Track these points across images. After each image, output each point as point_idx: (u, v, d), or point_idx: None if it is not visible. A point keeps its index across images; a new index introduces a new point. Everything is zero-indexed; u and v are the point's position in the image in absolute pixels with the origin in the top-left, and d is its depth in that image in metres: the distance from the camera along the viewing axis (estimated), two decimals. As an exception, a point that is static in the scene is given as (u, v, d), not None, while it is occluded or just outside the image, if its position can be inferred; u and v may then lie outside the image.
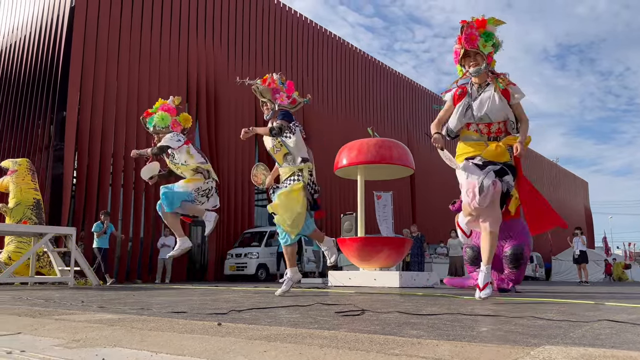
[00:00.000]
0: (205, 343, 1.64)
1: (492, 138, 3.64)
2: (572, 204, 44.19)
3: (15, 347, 1.65)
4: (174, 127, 5.57)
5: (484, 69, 3.62)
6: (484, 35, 3.58)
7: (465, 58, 3.66)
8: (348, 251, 8.50)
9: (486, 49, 3.58)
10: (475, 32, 3.57)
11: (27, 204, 8.48)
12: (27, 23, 15.04)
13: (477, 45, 3.57)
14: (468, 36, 3.57)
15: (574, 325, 2.14)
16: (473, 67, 3.62)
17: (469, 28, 3.58)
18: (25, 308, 3.09)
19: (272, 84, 4.68)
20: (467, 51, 3.62)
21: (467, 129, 3.72)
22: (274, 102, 4.66)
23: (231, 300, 3.87)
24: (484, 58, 3.60)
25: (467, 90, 3.72)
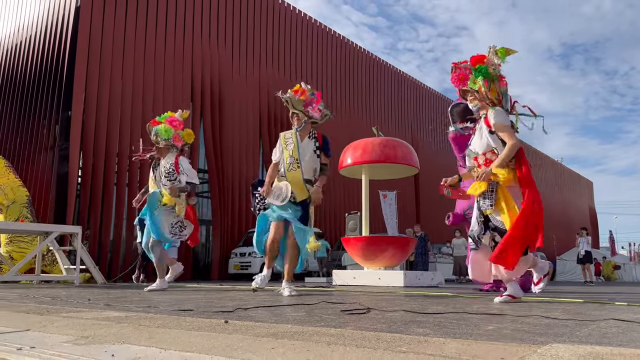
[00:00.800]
0: (213, 340, 1.65)
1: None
2: (577, 204, 44.04)
3: (25, 344, 1.67)
4: (175, 141, 5.60)
5: (478, 105, 3.66)
6: (474, 71, 3.59)
7: (465, 94, 3.74)
8: (352, 250, 8.51)
9: (475, 85, 3.59)
10: (464, 72, 3.64)
11: (22, 202, 8.33)
12: (32, 23, 15.11)
13: (466, 84, 3.63)
14: (458, 77, 3.66)
15: (581, 324, 2.15)
16: (472, 102, 3.69)
17: (458, 69, 3.66)
18: (33, 306, 3.11)
19: (303, 95, 4.64)
20: (464, 89, 3.70)
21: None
22: (306, 114, 4.61)
23: (237, 299, 3.89)
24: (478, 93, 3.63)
25: (476, 127, 3.78)
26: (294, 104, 4.58)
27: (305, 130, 4.63)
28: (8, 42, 16.12)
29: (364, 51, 23.42)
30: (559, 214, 38.19)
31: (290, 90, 4.66)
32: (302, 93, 4.62)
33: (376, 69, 23.91)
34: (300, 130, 4.62)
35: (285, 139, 4.66)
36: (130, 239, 13.64)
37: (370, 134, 9.28)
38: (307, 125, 4.63)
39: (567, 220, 39.47)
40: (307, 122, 4.62)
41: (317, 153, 4.56)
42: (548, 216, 27.85)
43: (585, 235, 14.27)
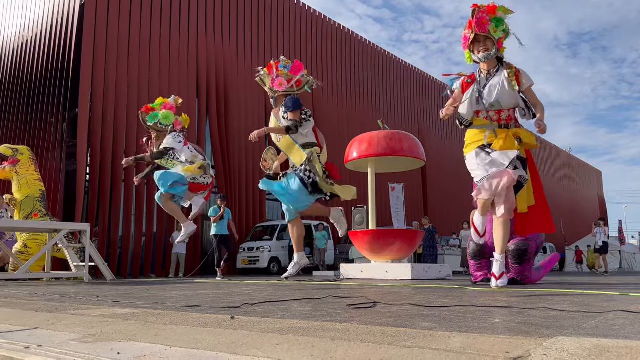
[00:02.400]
0: (218, 337, 1.66)
1: (502, 125, 3.59)
2: (586, 194, 43.79)
3: (32, 342, 1.68)
4: (176, 125, 5.66)
5: (494, 54, 3.59)
6: (494, 20, 3.54)
7: (474, 43, 3.62)
8: (360, 244, 8.51)
9: (497, 34, 3.55)
10: (486, 17, 3.54)
11: (36, 196, 8.36)
12: (38, 22, 15.17)
13: (488, 29, 3.53)
14: (479, 20, 3.53)
15: (587, 316, 2.13)
16: (483, 52, 3.59)
17: (480, 12, 3.54)
18: (42, 303, 3.14)
19: (269, 69, 4.62)
20: (478, 36, 3.57)
21: (477, 117, 3.69)
22: (272, 89, 4.59)
23: (244, 294, 3.90)
24: (494, 43, 3.56)
25: (476, 78, 3.68)
26: (265, 82, 4.61)
27: (277, 106, 4.64)
28: (14, 41, 16.20)
29: (369, 43, 23.31)
30: (568, 204, 38.00)
31: (264, 69, 4.67)
32: (270, 68, 4.62)
33: (381, 62, 23.80)
34: (276, 107, 4.65)
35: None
36: (139, 236, 13.74)
37: (376, 127, 9.25)
38: (278, 99, 4.61)
39: (576, 210, 39.27)
40: (275, 98, 4.61)
41: (284, 117, 4.53)
42: (557, 206, 28.01)
43: (602, 226, 14.38)
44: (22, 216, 8.22)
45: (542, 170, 35.23)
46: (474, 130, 3.71)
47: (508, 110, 3.58)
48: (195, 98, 15.23)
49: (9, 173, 8.34)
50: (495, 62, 3.64)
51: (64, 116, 13.36)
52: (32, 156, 8.68)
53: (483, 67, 3.67)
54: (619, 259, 24.11)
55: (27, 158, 8.52)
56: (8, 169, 8.33)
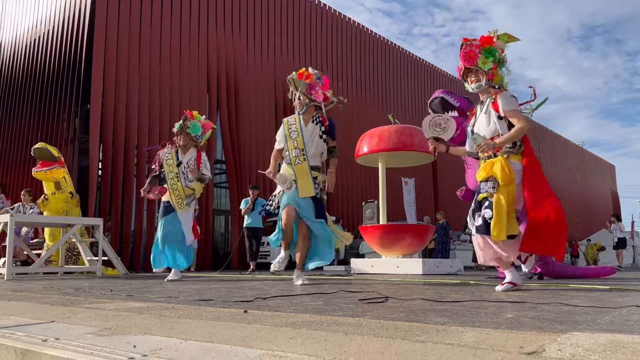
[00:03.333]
0: (232, 330, 1.67)
1: (488, 156, 3.55)
2: (599, 188, 43.36)
3: (50, 335, 1.71)
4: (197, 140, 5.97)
5: (485, 84, 3.61)
6: (484, 52, 3.57)
7: (467, 74, 3.68)
8: (370, 239, 8.50)
9: (486, 66, 3.57)
10: (474, 50, 3.58)
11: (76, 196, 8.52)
12: (50, 18, 15.28)
13: (476, 62, 3.58)
14: (467, 54, 3.59)
15: (602, 311, 2.12)
16: (474, 82, 3.64)
17: (468, 46, 3.60)
18: (58, 297, 3.18)
19: (308, 78, 4.61)
20: (468, 68, 3.63)
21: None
22: (308, 96, 4.58)
23: (256, 288, 3.92)
24: (484, 74, 3.59)
25: (475, 112, 3.74)
26: (297, 85, 4.56)
27: (309, 115, 4.58)
28: (27, 37, 16.34)
29: (379, 37, 23.21)
30: (581, 199, 37.66)
31: (295, 72, 4.64)
32: (307, 77, 4.60)
33: (392, 56, 23.69)
34: (303, 114, 4.59)
35: (289, 125, 4.60)
36: (151, 230, 13.84)
37: (386, 121, 9.22)
38: (309, 108, 4.57)
39: (589, 205, 38.91)
40: (309, 105, 4.56)
41: (323, 138, 4.53)
42: (569, 201, 27.84)
43: (617, 222, 14.39)
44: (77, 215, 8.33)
45: (553, 164, 34.97)
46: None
47: (491, 139, 3.52)
48: (206, 94, 15.27)
49: (60, 175, 8.20)
50: (489, 90, 3.65)
51: (76, 112, 13.47)
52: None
53: (480, 97, 3.72)
54: (632, 254, 23.89)
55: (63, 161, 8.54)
56: (62, 170, 8.20)
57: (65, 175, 8.33)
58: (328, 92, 4.66)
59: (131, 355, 1.36)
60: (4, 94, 16.95)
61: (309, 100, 4.54)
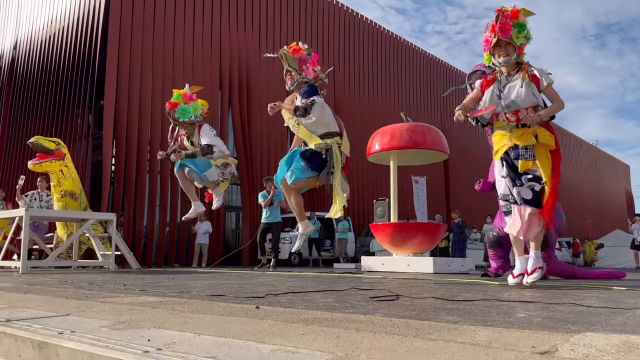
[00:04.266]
0: (245, 325, 1.69)
1: (521, 125, 3.60)
2: (613, 188, 42.89)
3: (65, 328, 1.74)
4: (203, 114, 5.83)
5: (514, 59, 3.62)
6: (517, 25, 3.57)
7: (496, 47, 3.65)
8: (381, 236, 8.50)
9: (519, 40, 3.59)
10: (509, 22, 3.56)
11: (81, 189, 8.51)
12: (65, 15, 15.42)
13: (510, 35, 3.56)
14: (502, 25, 3.55)
15: (615, 312, 2.11)
16: (503, 57, 3.62)
17: (504, 17, 3.56)
18: (72, 291, 3.22)
19: (298, 52, 4.60)
20: (499, 40, 3.59)
21: (497, 119, 3.73)
22: (300, 72, 4.59)
23: (267, 284, 3.94)
24: (515, 49, 3.59)
25: (497, 77, 3.72)
26: (289, 61, 4.56)
27: (299, 90, 4.60)
28: (42, 34, 16.51)
29: (392, 35, 23.12)
30: (594, 198, 37.28)
31: (286, 46, 4.65)
32: (297, 51, 4.60)
33: (404, 53, 23.60)
34: (294, 89, 4.61)
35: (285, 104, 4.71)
36: (163, 226, 13.95)
37: (398, 119, 9.20)
38: (299, 84, 4.57)
39: (602, 205, 38.51)
40: (299, 81, 4.56)
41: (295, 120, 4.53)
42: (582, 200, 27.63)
43: (638, 222, 14.28)
44: (81, 209, 8.32)
45: (567, 163, 34.61)
46: (497, 134, 3.75)
47: (526, 109, 3.57)
48: (218, 90, 15.34)
49: (57, 167, 8.17)
50: (515, 65, 3.67)
51: (90, 108, 13.60)
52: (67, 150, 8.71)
53: (504, 70, 3.72)
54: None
55: (67, 152, 8.50)
56: (57, 163, 8.14)
57: (63, 169, 8.24)
58: (317, 68, 4.66)
59: (146, 348, 1.38)
60: (20, 89, 17.16)
61: (300, 77, 4.55)
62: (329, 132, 4.47)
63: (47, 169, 8.20)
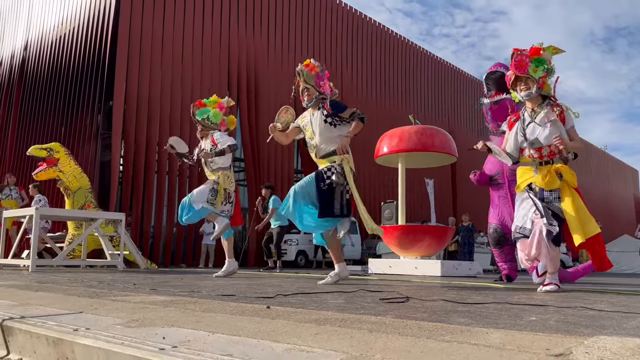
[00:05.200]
0: (258, 325, 1.70)
1: (544, 162, 3.68)
2: (621, 193, 42.59)
3: (80, 325, 1.75)
4: (221, 126, 5.82)
5: (535, 92, 3.69)
6: (534, 61, 3.68)
7: (517, 82, 3.76)
8: (388, 239, 8.48)
9: (537, 74, 3.67)
10: (525, 59, 3.69)
11: (87, 188, 8.56)
12: (75, 16, 15.54)
13: (527, 71, 3.67)
14: (518, 63, 3.69)
15: (627, 316, 2.10)
16: (524, 90, 3.72)
17: (519, 55, 3.70)
18: (83, 289, 3.25)
19: (314, 70, 4.65)
20: (518, 76, 3.72)
21: (522, 155, 3.82)
22: (317, 89, 4.63)
23: (276, 285, 3.95)
24: (535, 82, 3.67)
25: (520, 116, 3.82)
26: (306, 78, 4.59)
27: (316, 106, 4.63)
28: (52, 35, 16.64)
29: (400, 37, 23.11)
30: (602, 203, 37.02)
31: (301, 64, 4.67)
32: (312, 68, 4.63)
33: (412, 56, 23.58)
34: (311, 106, 4.64)
35: (302, 118, 4.75)
36: (171, 226, 14.00)
37: (406, 121, 9.19)
38: (317, 101, 4.60)
39: (611, 209, 38.24)
40: (317, 98, 4.60)
41: (328, 121, 4.49)
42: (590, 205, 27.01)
43: None
44: (76, 207, 8.39)
45: (575, 168, 34.33)
46: (521, 169, 3.84)
47: (549, 146, 3.65)
48: (227, 91, 15.38)
49: (53, 174, 8.36)
50: (539, 99, 3.74)
51: (100, 108, 13.69)
52: (67, 151, 8.78)
53: (528, 105, 3.79)
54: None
55: (64, 154, 8.61)
56: (51, 170, 8.33)
57: (59, 174, 8.38)
58: (331, 84, 4.76)
59: (161, 346, 1.39)
60: (30, 90, 17.30)
61: (318, 93, 4.59)
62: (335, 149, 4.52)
63: (46, 176, 8.48)
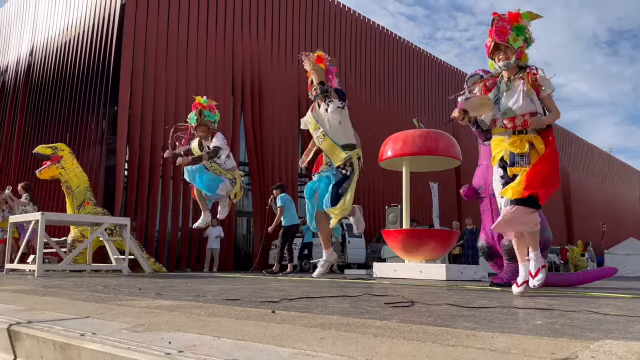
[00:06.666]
0: (263, 329, 1.70)
1: (517, 132, 3.58)
2: (627, 196, 42.39)
3: (87, 330, 1.76)
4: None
5: (514, 62, 3.60)
6: (515, 29, 3.57)
7: (495, 51, 3.65)
8: (393, 243, 8.47)
9: (516, 43, 3.57)
10: (506, 26, 3.57)
11: (86, 186, 8.73)
12: (80, 22, 15.64)
13: (507, 39, 3.56)
14: (499, 29, 3.57)
15: (633, 320, 2.09)
16: (502, 60, 3.61)
17: (500, 21, 3.58)
18: (89, 294, 3.26)
19: (322, 61, 4.67)
20: (498, 44, 3.61)
21: (495, 125, 3.72)
22: (325, 83, 4.65)
23: (280, 289, 3.96)
24: (514, 52, 3.58)
25: (497, 83, 3.72)
26: (320, 75, 4.63)
27: (321, 99, 4.66)
28: (58, 40, 16.74)
29: (403, 41, 23.13)
30: (607, 206, 36.86)
31: (312, 52, 4.69)
32: (322, 60, 4.66)
33: (416, 59, 23.59)
34: (318, 99, 4.69)
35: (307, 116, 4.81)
36: (175, 230, 14.02)
37: (410, 125, 9.19)
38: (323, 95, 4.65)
39: (616, 212, 38.06)
40: (327, 92, 4.63)
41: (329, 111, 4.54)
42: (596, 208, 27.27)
43: None
44: (75, 204, 8.55)
45: (581, 170, 34.30)
46: (495, 139, 3.74)
47: (523, 116, 3.55)
48: (231, 95, 15.43)
49: (56, 170, 8.61)
50: (516, 69, 3.65)
51: (104, 113, 13.75)
52: (70, 151, 9.01)
53: (504, 75, 3.70)
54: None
55: (68, 153, 8.85)
56: (54, 166, 8.58)
57: (61, 170, 8.61)
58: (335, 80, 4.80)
59: (167, 350, 1.39)
60: (36, 95, 17.40)
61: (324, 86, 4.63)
62: (349, 143, 4.56)
63: (49, 173, 8.69)
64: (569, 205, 32.55)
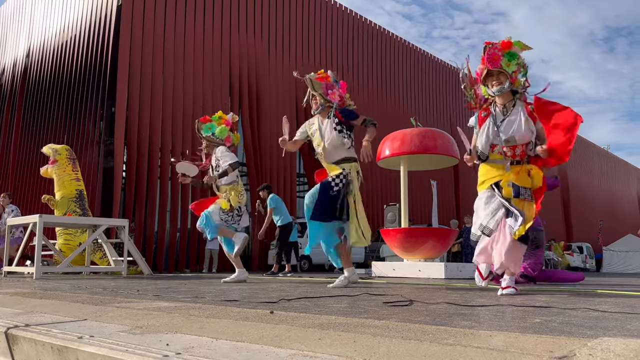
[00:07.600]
0: (261, 330, 1.70)
1: (516, 161, 3.60)
2: (625, 193, 42.47)
3: (84, 333, 1.76)
4: (227, 141, 5.86)
5: (507, 88, 3.58)
6: (507, 55, 3.57)
7: (488, 77, 3.64)
8: (391, 242, 8.48)
9: (510, 68, 3.56)
10: (498, 52, 3.57)
11: (70, 197, 8.56)
12: (76, 23, 15.61)
13: (500, 64, 3.56)
14: (490, 56, 3.57)
15: (631, 317, 2.10)
16: (496, 86, 3.59)
17: (492, 49, 3.59)
18: (87, 296, 3.25)
19: (325, 79, 4.68)
20: (490, 70, 3.60)
21: (492, 152, 3.69)
22: (325, 97, 4.65)
23: (279, 290, 3.96)
24: (508, 77, 3.57)
25: (491, 111, 3.69)
26: (314, 86, 4.63)
27: (324, 114, 4.66)
28: (54, 42, 16.72)
29: (400, 39, 23.14)
30: (605, 204, 36.93)
31: (314, 73, 4.71)
32: (324, 78, 4.67)
33: (413, 57, 23.60)
34: (319, 113, 4.68)
35: (310, 125, 4.81)
36: (174, 231, 14.02)
37: (408, 124, 9.20)
38: (325, 109, 4.65)
39: (614, 209, 38.14)
40: (324, 106, 4.64)
41: (337, 129, 4.53)
42: (594, 205, 27.37)
43: None
44: (59, 214, 8.43)
45: (578, 168, 34.33)
46: (486, 166, 3.72)
47: (522, 145, 3.58)
48: (228, 96, 15.43)
49: (51, 173, 8.68)
50: (510, 95, 3.65)
51: (102, 115, 13.73)
52: (69, 155, 8.87)
53: (498, 101, 3.68)
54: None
55: (65, 158, 8.75)
56: (50, 169, 8.67)
57: (54, 176, 8.64)
58: (345, 96, 4.74)
59: (165, 352, 1.39)
60: (33, 97, 17.37)
61: (325, 101, 4.62)
62: (347, 157, 4.55)
63: (45, 174, 8.86)
64: (567, 202, 32.61)
